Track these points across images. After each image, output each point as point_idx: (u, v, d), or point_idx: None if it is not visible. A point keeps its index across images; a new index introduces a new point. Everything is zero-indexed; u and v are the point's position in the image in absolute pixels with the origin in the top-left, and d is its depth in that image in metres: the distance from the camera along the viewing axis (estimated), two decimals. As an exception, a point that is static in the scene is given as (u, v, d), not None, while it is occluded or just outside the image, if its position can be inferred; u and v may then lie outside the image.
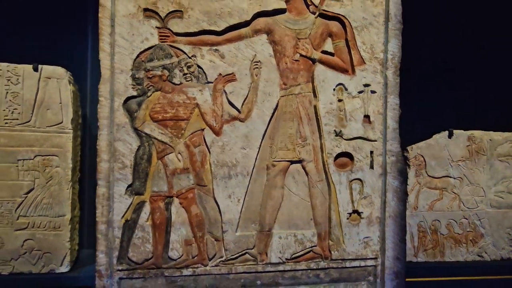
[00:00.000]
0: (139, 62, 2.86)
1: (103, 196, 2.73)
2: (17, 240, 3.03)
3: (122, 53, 2.82)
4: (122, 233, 2.78)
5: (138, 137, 2.85)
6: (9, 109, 3.08)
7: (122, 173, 2.78)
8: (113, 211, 2.75)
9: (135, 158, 2.83)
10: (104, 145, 2.71)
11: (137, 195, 2.86)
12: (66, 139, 3.14)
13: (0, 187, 3.03)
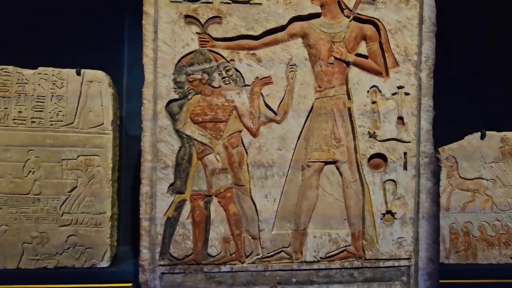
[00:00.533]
0: (180, 67, 2.95)
1: (146, 194, 2.82)
2: (61, 235, 3.15)
3: (164, 58, 2.93)
4: (164, 230, 2.87)
5: (180, 138, 2.94)
6: (54, 111, 3.22)
7: (164, 172, 2.88)
8: (156, 208, 2.85)
9: (177, 159, 2.93)
10: (147, 146, 2.81)
11: (178, 194, 2.95)
12: (106, 140, 3.25)
13: (46, 185, 3.18)
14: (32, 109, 3.21)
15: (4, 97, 3.20)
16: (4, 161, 3.17)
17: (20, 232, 3.11)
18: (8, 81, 3.20)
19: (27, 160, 3.15)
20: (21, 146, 3.20)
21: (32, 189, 3.13)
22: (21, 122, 3.17)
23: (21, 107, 3.19)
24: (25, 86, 3.22)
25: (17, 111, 3.18)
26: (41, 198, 3.14)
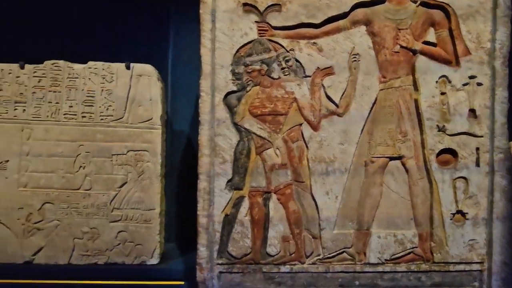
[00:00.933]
0: (238, 57, 2.82)
1: (204, 190, 2.70)
2: (111, 231, 3.09)
3: (222, 48, 2.79)
4: (222, 227, 2.75)
5: (238, 132, 2.80)
6: (104, 106, 3.15)
7: (222, 167, 2.75)
8: (214, 205, 2.72)
9: (235, 153, 2.79)
10: (205, 140, 2.67)
11: (236, 190, 2.82)
12: (155, 134, 3.16)
13: (96, 180, 3.10)
14: (82, 103, 3.14)
15: (55, 92, 3.15)
16: (55, 156, 3.11)
17: (71, 227, 3.07)
18: (59, 76, 3.13)
19: (78, 155, 3.09)
20: (72, 141, 3.12)
21: (83, 184, 3.07)
22: (72, 117, 3.11)
23: (72, 101, 3.12)
24: (75, 80, 3.15)
25: (68, 106, 3.13)
26: (91, 193, 3.08)
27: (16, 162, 3.08)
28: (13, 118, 3.11)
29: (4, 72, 3.12)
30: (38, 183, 3.09)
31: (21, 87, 3.10)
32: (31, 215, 3.02)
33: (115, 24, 3.78)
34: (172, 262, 3.22)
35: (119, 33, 3.75)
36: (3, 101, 3.12)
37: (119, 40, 3.74)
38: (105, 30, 3.74)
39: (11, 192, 3.05)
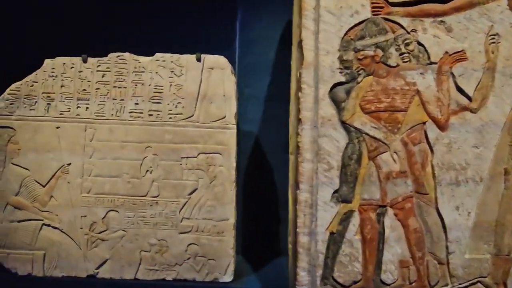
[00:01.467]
0: (347, 41, 1.79)
1: (306, 203, 1.76)
2: (181, 244, 2.10)
3: (328, 30, 1.76)
4: (326, 248, 1.78)
5: (346, 132, 1.77)
6: (172, 103, 2.14)
7: (327, 175, 1.77)
8: (317, 221, 1.76)
9: (343, 158, 1.76)
10: (307, 142, 1.75)
11: (344, 203, 1.80)
12: (229, 135, 2.10)
13: (164, 186, 2.11)
14: (149, 100, 2.14)
15: (120, 88, 2.14)
16: (120, 159, 2.12)
17: (138, 239, 2.11)
18: (124, 70, 2.15)
19: (145, 158, 2.13)
20: (138, 142, 2.13)
21: (150, 191, 2.14)
22: (138, 115, 2.15)
23: (138, 98, 2.15)
24: (141, 75, 2.14)
25: (133, 103, 2.14)
26: (159, 201, 2.14)
27: (79, 165, 2.12)
28: (75, 117, 2.15)
29: (66, 66, 2.16)
30: (102, 189, 2.11)
31: (84, 82, 2.15)
32: (94, 224, 2.12)
33: (177, 13, 2.74)
34: (247, 280, 2.24)
35: (179, 22, 2.77)
36: (65, 98, 2.16)
37: (179, 30, 2.73)
38: (167, 19, 2.78)
39: (73, 199, 2.11)
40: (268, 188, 2.59)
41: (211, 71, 2.06)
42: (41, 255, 2.12)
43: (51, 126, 2.16)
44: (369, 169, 1.63)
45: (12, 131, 2.14)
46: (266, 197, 2.55)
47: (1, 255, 2.03)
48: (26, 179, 2.13)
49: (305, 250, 1.58)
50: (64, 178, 2.15)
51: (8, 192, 2.11)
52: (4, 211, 2.05)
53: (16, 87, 2.09)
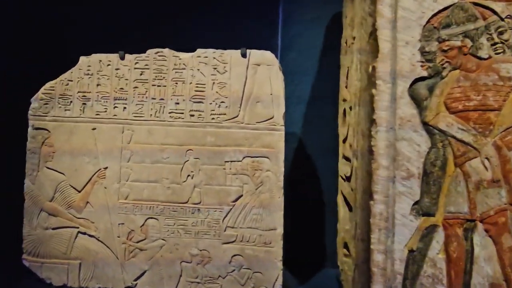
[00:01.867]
0: (430, 30, 1.51)
1: (381, 216, 1.49)
2: (225, 255, 1.92)
3: (407, 17, 1.49)
4: (405, 268, 1.52)
5: (429, 135, 1.50)
6: (215, 102, 1.96)
7: (406, 185, 1.50)
8: (394, 236, 1.50)
9: (424, 165, 1.48)
10: (382, 146, 1.48)
11: (425, 216, 1.52)
12: (277, 137, 1.91)
13: (207, 192, 1.93)
14: (190, 99, 1.97)
15: (159, 86, 1.97)
16: (159, 163, 1.96)
17: (178, 249, 1.94)
18: (164, 67, 1.98)
19: (186, 161, 1.97)
20: (178, 144, 1.96)
21: (192, 197, 1.97)
22: (178, 115, 1.98)
23: (179, 97, 1.98)
24: (182, 72, 1.97)
25: (173, 103, 1.97)
26: (201, 208, 1.97)
27: (116, 169, 1.97)
28: (112, 118, 2.00)
29: (103, 64, 2.01)
30: (140, 194, 1.96)
31: (121, 81, 2.00)
32: (132, 232, 1.97)
33: (217, 7, 2.52)
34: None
35: (218, 17, 2.53)
36: (101, 97, 2.01)
37: (217, 25, 2.50)
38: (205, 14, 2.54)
39: (110, 205, 1.97)
40: (312, 194, 2.33)
41: (257, 67, 1.85)
42: (77, 264, 1.99)
43: (87, 127, 2.02)
44: (455, 177, 1.38)
45: (47, 133, 2.02)
46: (310, 203, 2.30)
47: (35, 264, 1.88)
48: (61, 183, 2.01)
49: (380, 269, 1.33)
50: (100, 183, 2.01)
51: (43, 198, 1.99)
52: (38, 217, 1.95)
53: (51, 86, 1.93)
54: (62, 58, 1.97)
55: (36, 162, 1.91)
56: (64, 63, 1.95)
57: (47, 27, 2.32)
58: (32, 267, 1.89)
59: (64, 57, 1.96)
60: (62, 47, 2.19)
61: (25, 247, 1.91)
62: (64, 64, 1.94)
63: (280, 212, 1.90)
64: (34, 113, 1.93)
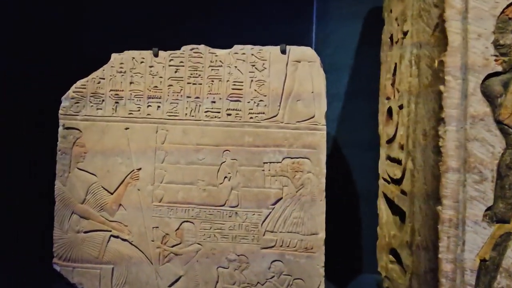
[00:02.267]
0: (505, 21, 1.34)
1: (450, 223, 1.35)
2: (264, 260, 1.82)
3: (479, 8, 1.34)
4: (476, 279, 1.36)
5: (503, 135, 1.34)
6: (254, 101, 1.87)
7: (478, 189, 1.35)
8: (464, 245, 1.36)
9: (499, 167, 1.33)
10: (451, 147, 1.34)
11: (499, 223, 1.36)
12: (319, 137, 1.82)
13: (245, 194, 1.84)
14: (227, 98, 1.89)
15: (194, 84, 1.89)
16: (195, 164, 1.87)
17: (215, 254, 1.86)
18: (200, 64, 1.89)
19: (222, 163, 1.88)
20: (215, 145, 1.87)
21: (229, 200, 1.88)
22: (214, 115, 1.89)
23: (215, 96, 1.89)
24: (219, 69, 1.89)
25: (210, 101, 1.89)
26: (239, 211, 1.87)
27: (150, 170, 1.89)
28: (146, 117, 1.92)
29: (136, 61, 1.92)
30: (175, 197, 1.87)
31: (155, 79, 1.92)
32: (167, 236, 1.89)
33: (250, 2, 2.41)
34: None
35: (252, 12, 2.42)
36: (134, 96, 1.92)
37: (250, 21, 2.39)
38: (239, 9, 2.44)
39: (144, 208, 1.88)
40: (347, 196, 2.20)
41: (297, 64, 1.74)
42: (109, 269, 1.91)
43: (119, 127, 1.94)
44: (537, 181, 1.21)
45: (78, 133, 1.95)
46: (345, 205, 2.17)
47: (67, 269, 1.79)
48: (93, 185, 1.93)
49: (449, 280, 1.22)
50: (133, 185, 1.92)
51: (74, 200, 1.91)
52: (70, 220, 1.83)
53: (82, 84, 1.83)
54: (92, 56, 1.86)
55: (67, 163, 1.81)
56: (94, 60, 1.84)
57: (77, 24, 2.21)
58: (63, 271, 1.79)
59: (95, 55, 1.85)
60: (92, 44, 2.09)
61: (56, 251, 1.81)
62: (95, 62, 1.83)
63: (322, 215, 1.80)
64: (64, 112, 1.83)
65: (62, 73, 1.95)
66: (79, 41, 2.14)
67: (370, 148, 2.06)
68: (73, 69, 1.89)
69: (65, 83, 1.86)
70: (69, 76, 1.87)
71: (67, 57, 2.10)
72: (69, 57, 2.09)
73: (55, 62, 2.10)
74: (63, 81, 1.87)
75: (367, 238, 2.14)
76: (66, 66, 2.03)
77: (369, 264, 2.09)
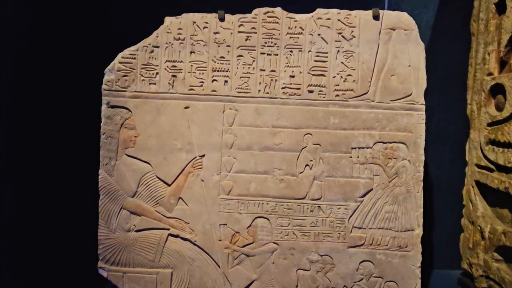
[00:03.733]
0: None
1: None
2: (351, 261, 1.54)
3: None
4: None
5: None
6: (340, 76, 1.52)
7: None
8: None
9: None
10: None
11: None
12: (417, 118, 1.53)
13: (329, 185, 1.52)
14: (309, 72, 1.54)
15: (269, 55, 1.53)
16: (271, 150, 1.53)
17: (294, 254, 1.56)
18: (276, 31, 1.52)
19: (303, 148, 1.55)
20: (294, 127, 1.55)
21: (311, 192, 1.56)
22: (294, 92, 1.54)
23: (294, 69, 1.53)
24: (298, 37, 1.53)
25: (288, 76, 1.53)
26: (322, 205, 1.56)
27: (215, 158, 1.56)
28: (210, 94, 1.56)
29: (197, 26, 1.54)
30: (247, 189, 1.56)
31: (221, 48, 1.56)
32: (237, 235, 1.58)
33: None
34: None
35: None
36: (196, 69, 1.55)
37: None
38: None
39: (209, 202, 1.57)
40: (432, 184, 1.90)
41: (392, 32, 1.42)
42: (168, 274, 1.59)
43: (178, 105, 1.59)
44: None
45: (127, 112, 1.59)
46: (430, 195, 1.87)
47: (116, 274, 1.45)
48: (146, 175, 1.58)
49: None
50: (196, 175, 1.58)
51: (123, 193, 1.50)
52: (118, 217, 1.46)
53: (131, 53, 1.45)
54: (141, 18, 1.46)
55: (113, 148, 1.45)
56: (142, 24, 1.43)
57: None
58: (111, 277, 1.44)
59: (144, 17, 1.45)
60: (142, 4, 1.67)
61: (101, 253, 1.46)
62: (145, 25, 1.42)
63: (419, 209, 1.52)
64: (109, 88, 1.45)
65: (101, 40, 1.53)
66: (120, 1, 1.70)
67: (460, 130, 1.75)
68: (118, 35, 1.47)
69: (107, 52, 1.45)
70: (113, 43, 1.45)
71: (106, 21, 1.67)
72: (108, 21, 1.66)
73: (93, 27, 1.66)
74: (104, 50, 1.46)
75: (439, 231, 1.86)
76: (105, 31, 1.60)
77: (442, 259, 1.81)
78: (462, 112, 1.66)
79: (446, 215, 1.80)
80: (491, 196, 1.50)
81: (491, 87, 1.52)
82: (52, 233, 1.59)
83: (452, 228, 1.67)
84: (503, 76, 1.44)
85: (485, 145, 1.53)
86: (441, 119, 1.90)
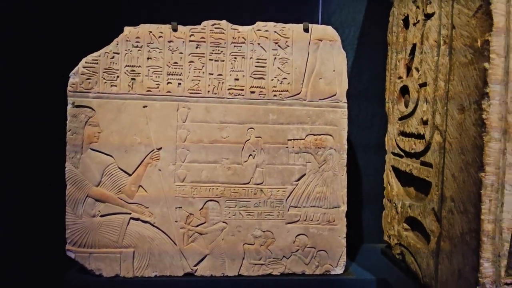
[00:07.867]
0: None
1: (492, 187, 1.31)
2: (288, 235, 1.71)
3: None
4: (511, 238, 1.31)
5: None
6: (277, 79, 1.70)
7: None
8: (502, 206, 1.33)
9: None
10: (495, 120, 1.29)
11: None
12: (341, 114, 1.73)
13: (269, 171, 1.70)
14: (251, 75, 1.71)
15: (217, 61, 1.68)
16: (219, 142, 1.68)
17: (241, 231, 1.71)
18: (222, 40, 1.67)
19: (247, 141, 1.71)
20: (239, 123, 1.69)
21: (254, 177, 1.72)
22: (238, 92, 1.70)
23: (238, 73, 1.69)
24: (241, 46, 1.69)
25: (233, 79, 1.69)
26: (264, 188, 1.72)
27: (171, 150, 1.67)
28: (166, 94, 1.67)
29: (153, 35, 1.66)
30: (199, 176, 1.69)
31: (175, 54, 1.68)
32: (191, 216, 1.70)
33: None
34: (358, 271, 1.85)
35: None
36: (153, 72, 1.67)
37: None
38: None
39: (166, 188, 1.68)
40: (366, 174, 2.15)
41: (320, 43, 1.62)
42: (130, 253, 1.69)
43: (137, 105, 1.69)
44: None
45: (91, 111, 1.66)
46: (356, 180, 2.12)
47: (82, 255, 1.55)
48: (109, 166, 1.67)
49: (490, 239, 1.20)
50: (154, 165, 1.70)
51: (88, 182, 1.65)
52: (84, 204, 1.58)
53: (93, 59, 1.56)
54: (102, 28, 1.58)
55: (79, 143, 1.54)
56: (104, 34, 1.56)
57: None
58: (79, 258, 1.54)
59: (105, 27, 1.58)
60: (103, 16, 1.78)
61: (69, 237, 1.55)
62: (104, 35, 1.55)
63: (343, 190, 1.72)
64: (74, 89, 1.55)
65: (66, 47, 1.64)
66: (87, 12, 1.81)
67: (375, 125, 2.00)
68: (77, 43, 1.59)
69: (69, 58, 1.56)
70: (76, 50, 1.56)
71: (71, 30, 1.77)
72: (73, 30, 1.76)
73: (60, 35, 1.76)
74: (67, 56, 1.57)
75: (366, 211, 2.11)
76: (70, 39, 1.71)
77: (369, 235, 2.07)
78: (382, 109, 1.91)
79: (371, 196, 2.04)
80: (403, 177, 1.70)
81: (400, 88, 1.75)
82: (22, 221, 1.67)
83: (377, 207, 1.91)
84: (408, 79, 1.68)
85: (397, 135, 1.77)
86: (367, 114, 2.14)
